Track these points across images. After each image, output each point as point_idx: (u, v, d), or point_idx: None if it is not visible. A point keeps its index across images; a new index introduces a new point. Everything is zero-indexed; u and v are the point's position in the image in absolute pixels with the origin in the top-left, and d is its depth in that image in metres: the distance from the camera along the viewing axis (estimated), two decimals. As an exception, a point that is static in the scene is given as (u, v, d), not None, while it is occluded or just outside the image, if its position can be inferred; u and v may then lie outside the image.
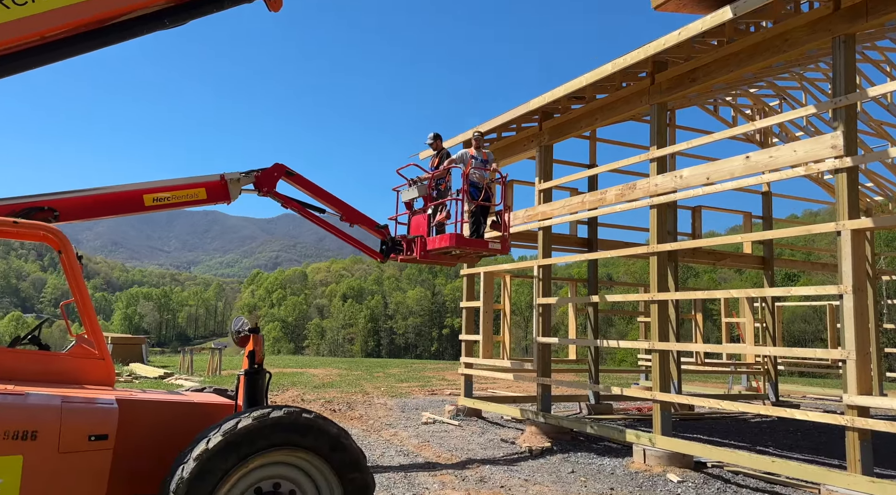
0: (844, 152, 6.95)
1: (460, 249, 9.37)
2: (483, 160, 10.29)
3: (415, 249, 9.44)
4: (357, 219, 8.49)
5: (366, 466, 4.18)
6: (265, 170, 7.46)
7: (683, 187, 8.97)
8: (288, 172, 7.63)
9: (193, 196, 6.54)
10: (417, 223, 9.87)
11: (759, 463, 7.67)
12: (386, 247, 9.17)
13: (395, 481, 7.94)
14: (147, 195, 6.19)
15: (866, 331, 6.84)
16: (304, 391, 18.15)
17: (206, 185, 6.63)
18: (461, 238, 9.32)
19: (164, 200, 6.31)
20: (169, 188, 6.38)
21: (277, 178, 7.56)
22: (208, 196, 6.63)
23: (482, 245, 9.76)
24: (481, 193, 10.01)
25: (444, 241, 9.32)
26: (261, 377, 4.57)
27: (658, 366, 9.18)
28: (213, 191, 6.70)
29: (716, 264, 16.04)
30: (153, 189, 6.32)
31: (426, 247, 9.45)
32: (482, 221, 10.10)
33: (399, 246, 9.39)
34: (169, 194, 6.36)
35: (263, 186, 7.43)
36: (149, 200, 6.20)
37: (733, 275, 60.21)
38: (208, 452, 3.71)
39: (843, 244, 6.92)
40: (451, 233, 9.41)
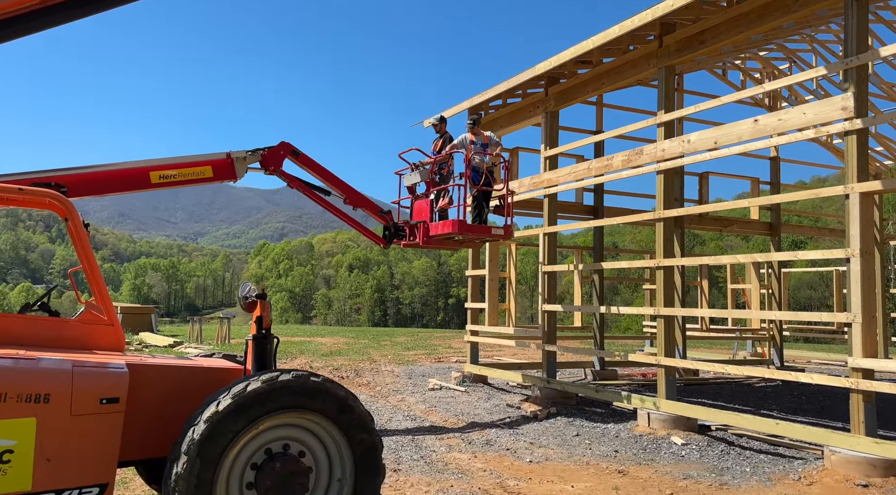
0: (855, 114, 6.85)
1: (463, 235, 9.40)
2: (483, 144, 10.25)
3: (417, 235, 9.46)
4: (360, 202, 8.49)
5: (373, 427, 4.25)
6: (271, 148, 7.46)
7: (691, 152, 8.88)
8: (294, 152, 7.63)
9: (200, 174, 6.56)
10: (420, 208, 9.85)
11: (763, 426, 7.75)
12: (389, 233, 9.18)
13: (402, 444, 8.07)
14: (153, 172, 6.21)
15: (872, 294, 6.82)
16: (312, 358, 18.36)
17: (213, 163, 6.64)
18: (464, 224, 9.35)
19: (171, 178, 6.33)
20: (175, 165, 6.39)
21: (284, 157, 7.56)
22: (214, 174, 6.64)
23: (485, 231, 9.84)
24: (482, 178, 9.99)
25: (447, 227, 9.33)
26: (269, 342, 4.62)
27: (663, 331, 9.21)
28: (220, 169, 6.70)
29: (722, 230, 15.97)
30: (159, 166, 6.33)
31: (429, 232, 9.46)
32: (485, 206, 10.11)
33: (402, 231, 9.40)
34: (175, 172, 6.38)
35: (270, 165, 7.44)
36: (155, 178, 6.21)
37: (740, 243, 60.00)
38: (218, 414, 3.77)
39: (851, 207, 6.86)
40: (454, 220, 9.43)
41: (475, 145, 10.12)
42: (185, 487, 3.62)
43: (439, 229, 9.41)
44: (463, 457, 7.51)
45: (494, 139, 10.79)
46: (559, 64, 10.61)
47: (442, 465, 7.12)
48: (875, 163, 15.95)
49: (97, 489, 3.73)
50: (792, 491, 6.29)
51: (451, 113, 13.78)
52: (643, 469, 7.12)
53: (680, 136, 9.17)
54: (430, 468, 6.99)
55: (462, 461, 7.34)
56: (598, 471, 7.00)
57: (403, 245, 9.67)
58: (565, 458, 7.56)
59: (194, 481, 3.65)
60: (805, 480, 6.63)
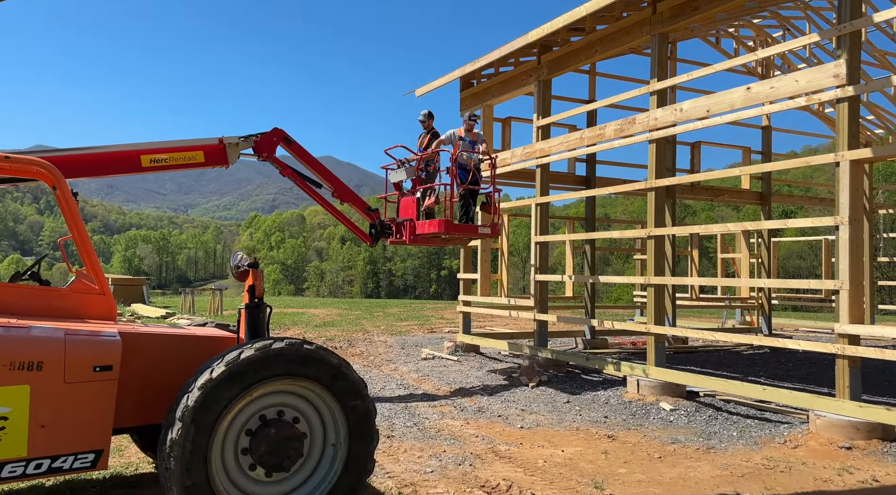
0: (847, 81, 6.83)
1: (449, 234, 9.43)
2: (472, 141, 10.20)
3: (404, 233, 9.44)
4: (348, 197, 8.46)
5: (366, 394, 4.29)
6: (264, 134, 7.44)
7: (683, 120, 8.85)
8: (286, 139, 7.60)
9: (191, 159, 6.52)
10: (406, 205, 9.81)
11: (750, 392, 7.89)
12: (375, 231, 9.14)
13: (396, 412, 8.17)
14: (144, 156, 6.17)
15: (860, 262, 6.90)
16: (305, 329, 18.44)
17: (205, 149, 6.59)
18: (450, 224, 9.34)
19: (162, 162, 6.29)
20: (167, 150, 6.35)
21: (277, 144, 7.54)
22: (206, 159, 6.60)
23: (471, 230, 9.84)
24: (469, 176, 9.97)
25: (434, 227, 9.33)
26: (261, 310, 4.63)
27: (653, 300, 9.30)
28: (211, 154, 6.66)
29: (714, 200, 16.03)
30: (151, 150, 6.29)
31: (415, 230, 9.45)
32: (471, 204, 10.12)
33: (388, 229, 9.36)
34: (166, 156, 6.34)
35: (263, 151, 7.44)
36: (146, 161, 6.17)
37: (731, 213, 60.24)
38: (212, 381, 3.79)
39: (841, 175, 6.89)
40: (440, 219, 9.43)
41: (464, 142, 10.11)
42: (180, 453, 3.66)
43: (426, 228, 9.43)
44: (455, 424, 7.62)
45: (483, 137, 10.80)
46: (552, 31, 10.49)
47: (435, 432, 7.22)
48: (866, 132, 15.98)
49: (92, 455, 3.77)
50: (777, 455, 6.43)
51: (442, 82, 13.65)
52: (632, 434, 7.25)
53: (672, 105, 9.13)
54: (423, 434, 7.09)
55: (454, 427, 7.44)
56: (587, 436, 7.13)
57: (390, 242, 9.67)
58: (556, 424, 7.68)
59: (189, 447, 3.68)
60: (790, 443, 6.78)
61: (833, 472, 5.84)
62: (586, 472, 5.79)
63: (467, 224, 9.85)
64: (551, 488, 5.33)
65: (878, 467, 6.00)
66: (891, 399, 8.96)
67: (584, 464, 6.05)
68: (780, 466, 6.03)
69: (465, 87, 13.86)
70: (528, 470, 5.84)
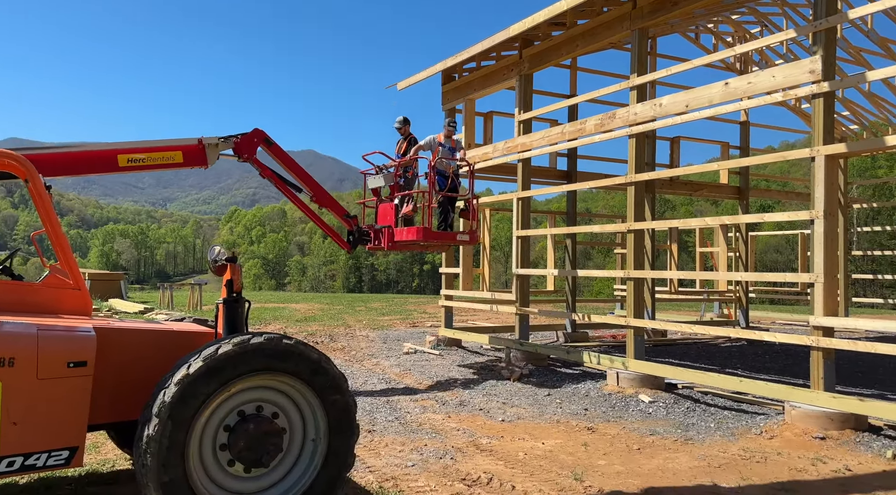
0: (822, 77, 6.92)
1: (428, 242, 9.44)
2: (451, 148, 10.20)
3: (382, 240, 9.42)
4: (327, 202, 8.41)
5: (347, 388, 4.28)
6: (245, 135, 7.40)
7: (663, 115, 8.92)
8: (267, 141, 7.56)
9: (169, 159, 6.42)
10: (385, 211, 9.80)
11: (728, 384, 7.99)
12: (353, 238, 9.09)
13: (377, 406, 8.16)
14: (122, 155, 6.06)
15: (835, 255, 7.01)
16: (286, 324, 18.33)
17: (183, 149, 6.50)
18: (429, 232, 9.33)
19: (139, 162, 6.19)
20: (145, 149, 6.25)
21: (257, 145, 7.49)
22: (185, 160, 6.50)
23: (450, 238, 9.87)
24: (448, 182, 9.95)
25: (412, 235, 9.32)
26: (240, 305, 4.58)
27: (633, 293, 9.38)
28: (190, 155, 6.56)
29: (693, 195, 16.19)
30: (128, 150, 6.19)
31: (394, 237, 9.43)
32: (450, 211, 10.13)
33: (366, 236, 9.32)
34: (144, 156, 6.25)
35: (243, 153, 7.38)
36: (123, 161, 6.07)
37: (710, 207, 61.01)
38: (189, 377, 3.75)
39: (816, 169, 6.99)
40: (418, 227, 9.44)
41: (443, 148, 10.11)
42: (156, 449, 3.62)
43: (404, 235, 9.43)
44: (437, 418, 7.63)
45: (462, 145, 10.80)
46: (533, 25, 10.50)
47: (416, 426, 7.23)
48: (841, 127, 16.22)
49: (67, 452, 3.71)
50: (754, 445, 6.53)
51: (424, 75, 13.60)
52: (612, 426, 7.32)
53: (652, 100, 9.19)
54: (405, 428, 7.09)
55: (436, 421, 7.46)
56: (568, 429, 7.18)
57: (368, 248, 9.64)
58: (537, 417, 7.73)
59: (166, 443, 3.64)
60: (766, 434, 6.89)
61: (807, 462, 5.94)
62: (566, 464, 5.83)
63: (446, 231, 9.90)
64: (531, 480, 5.37)
65: (850, 456, 6.12)
66: (863, 389, 9.14)
67: (564, 456, 6.09)
68: (756, 456, 6.12)
69: (447, 80, 13.83)
70: (508, 462, 5.87)
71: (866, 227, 24.24)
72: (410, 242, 9.45)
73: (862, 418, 6.77)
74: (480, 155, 12.65)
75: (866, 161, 45.13)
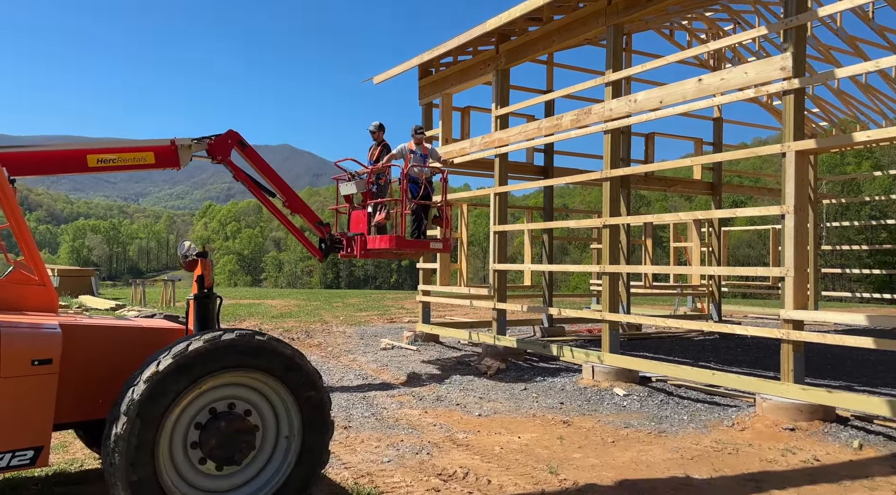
0: (793, 73, 7.02)
1: (401, 250, 9.45)
2: (423, 155, 10.21)
3: (355, 247, 9.38)
4: (299, 209, 8.33)
5: (321, 385, 4.23)
6: (219, 137, 7.31)
7: (637, 111, 8.98)
8: (241, 142, 7.48)
9: (141, 160, 6.29)
10: (357, 218, 9.75)
11: (701, 377, 8.10)
12: (326, 246, 9.02)
13: (353, 402, 8.12)
14: (91, 155, 5.91)
15: (805, 250, 7.13)
16: (261, 321, 18.16)
17: (155, 150, 6.37)
18: (402, 240, 9.34)
19: (110, 162, 6.05)
20: (115, 150, 6.11)
21: (231, 147, 7.40)
22: (157, 161, 6.38)
23: (423, 246, 9.88)
24: (421, 189, 9.96)
25: (385, 243, 9.31)
26: (211, 301, 4.51)
27: (608, 288, 9.45)
28: (162, 156, 6.44)
29: (667, 190, 16.37)
30: (98, 150, 6.04)
31: (366, 245, 9.40)
32: (423, 218, 10.12)
33: (339, 244, 9.24)
34: (115, 156, 6.11)
35: (217, 154, 7.27)
36: (93, 161, 5.92)
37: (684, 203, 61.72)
38: (159, 374, 3.67)
39: (787, 165, 7.10)
40: (391, 235, 9.42)
41: (415, 155, 10.10)
42: (124, 448, 3.55)
43: (377, 243, 9.40)
44: (413, 413, 7.61)
45: (437, 154, 10.80)
46: (510, 20, 10.49)
47: (393, 421, 7.20)
48: (811, 124, 16.52)
49: (31, 452, 3.62)
50: (725, 437, 6.63)
51: (401, 69, 13.53)
52: (587, 419, 7.37)
53: (627, 96, 9.25)
54: (381, 424, 7.06)
55: (412, 416, 7.44)
56: (544, 423, 7.22)
57: (341, 256, 9.61)
58: (513, 411, 7.75)
59: (134, 442, 3.57)
60: (738, 426, 7.00)
61: (777, 453, 6.05)
62: (542, 458, 5.86)
63: (419, 239, 9.89)
64: (507, 474, 5.38)
65: (818, 447, 6.24)
66: (832, 381, 9.33)
67: (539, 450, 6.12)
68: (728, 448, 6.21)
69: (424, 75, 13.77)
70: (485, 457, 5.88)
71: (835, 223, 24.75)
72: (383, 250, 9.45)
73: (830, 409, 6.91)
74: (458, 150, 12.64)
75: (835, 158, 46.07)
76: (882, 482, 5.27)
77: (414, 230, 9.98)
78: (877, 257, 38.89)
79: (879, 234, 40.09)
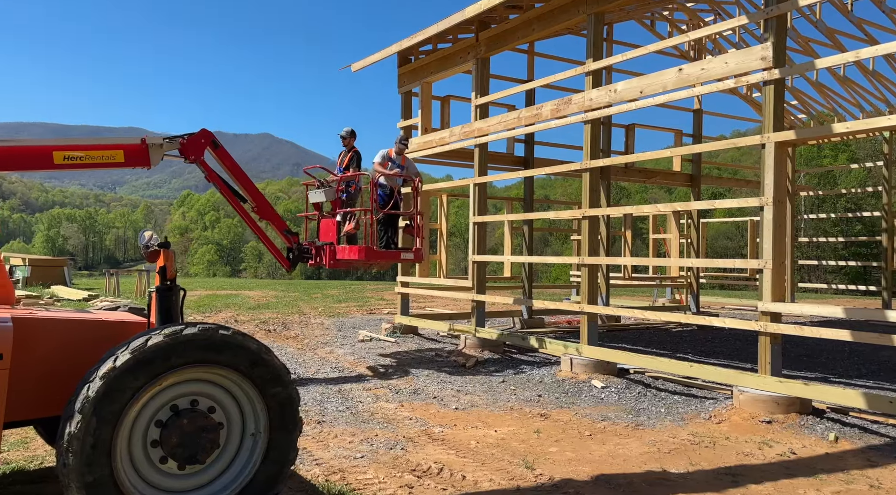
0: (773, 64, 6.96)
1: (371, 262, 9.30)
2: (401, 166, 10.11)
3: (323, 257, 9.19)
4: (269, 215, 8.16)
5: (289, 380, 4.08)
6: (192, 136, 7.16)
7: (618, 101, 8.89)
8: (214, 143, 7.31)
9: (110, 158, 6.06)
10: (327, 227, 9.57)
11: (678, 369, 8.08)
12: (293, 256, 8.82)
13: (328, 396, 7.97)
14: (57, 152, 5.66)
15: (783, 242, 7.11)
16: (238, 312, 17.91)
17: (125, 148, 6.14)
18: (371, 251, 9.17)
19: (77, 160, 5.82)
20: (83, 147, 5.86)
21: (205, 146, 7.25)
22: (126, 159, 6.15)
23: (393, 257, 9.74)
24: (391, 199, 9.82)
25: (354, 254, 9.14)
26: (174, 293, 4.32)
27: (587, 280, 9.38)
28: (132, 154, 6.21)
29: (647, 182, 16.36)
30: (65, 147, 5.80)
31: (335, 256, 9.20)
32: (396, 228, 10.01)
33: (307, 253, 9.05)
34: (82, 153, 5.87)
35: (190, 154, 7.09)
36: (59, 158, 5.67)
37: (664, 195, 62.20)
38: (116, 370, 3.50)
39: (766, 156, 7.05)
40: (360, 247, 9.27)
41: (393, 164, 9.95)
42: (79, 447, 3.37)
43: (346, 254, 9.23)
44: (389, 407, 7.49)
45: (414, 168, 10.69)
46: (489, 7, 10.32)
47: (368, 415, 7.07)
48: (790, 116, 16.60)
49: (-22, 453, 3.44)
50: (703, 430, 6.60)
51: (379, 57, 13.31)
52: (564, 412, 7.31)
53: (608, 86, 9.15)
54: (356, 419, 6.93)
55: (388, 410, 7.32)
56: (521, 416, 7.14)
57: (310, 265, 9.42)
58: (490, 404, 7.66)
59: (90, 441, 3.40)
60: (715, 419, 6.98)
61: (754, 446, 6.03)
62: (518, 452, 5.77)
63: (389, 250, 9.76)
64: (483, 469, 5.29)
65: (795, 440, 6.24)
66: (808, 373, 9.39)
67: (516, 444, 6.04)
68: (705, 441, 6.18)
69: (403, 63, 13.56)
70: (460, 451, 5.78)
71: (812, 215, 25.01)
72: (353, 261, 9.30)
73: (807, 402, 6.91)
74: (437, 139, 12.47)
75: (812, 150, 46.64)
76: (857, 475, 5.27)
77: (384, 240, 9.86)
78: (851, 249, 39.54)
79: (854, 227, 40.71)
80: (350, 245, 9.56)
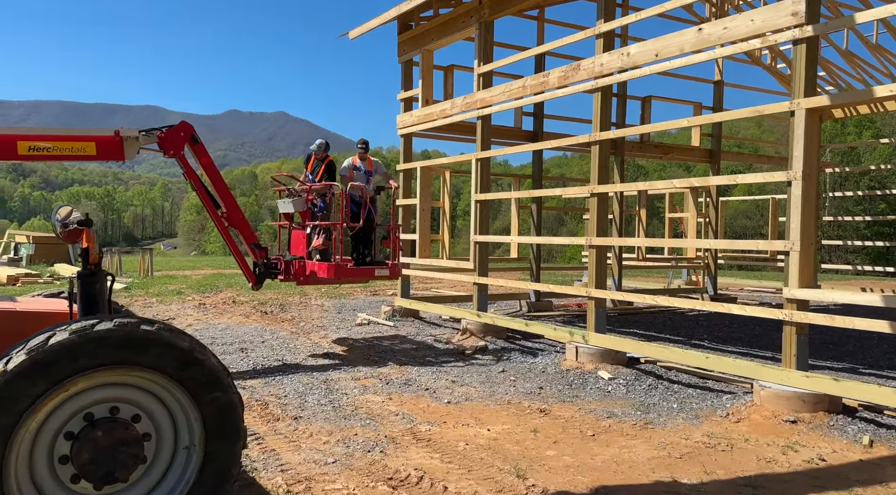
0: (806, 20, 6.14)
1: (342, 279, 8.78)
2: (367, 171, 9.49)
3: (293, 272, 8.63)
4: (239, 224, 7.61)
5: (229, 383, 3.47)
6: (171, 129, 6.73)
7: (631, 66, 8.08)
8: (193, 137, 6.79)
9: (80, 150, 5.51)
10: (297, 240, 9.00)
11: (693, 360, 7.39)
12: (260, 272, 8.18)
13: (312, 387, 7.40)
14: (22, 142, 5.09)
15: (813, 221, 6.35)
16: (238, 292, 17.43)
17: (98, 140, 5.59)
18: (342, 269, 8.57)
19: (44, 151, 5.26)
20: (51, 138, 5.28)
21: (184, 140, 6.84)
22: (98, 152, 5.61)
23: (366, 274, 9.11)
24: (363, 210, 9.18)
25: (324, 272, 8.56)
26: (98, 280, 3.71)
27: (595, 262, 8.70)
28: (105, 147, 5.67)
29: (663, 158, 15.51)
30: (32, 137, 5.24)
31: (306, 271, 8.62)
32: (371, 240, 9.40)
33: (275, 269, 8.46)
34: (50, 144, 5.30)
35: (169, 149, 6.66)
36: (23, 148, 5.11)
37: (683, 174, 60.81)
38: (7, 375, 2.90)
39: (796, 125, 6.26)
40: (329, 264, 8.65)
41: (358, 173, 9.37)
42: (-42, 469, 2.80)
43: (316, 270, 8.64)
44: (376, 400, 6.90)
45: (382, 169, 10.06)
46: (492, -34, 9.50)
47: (350, 410, 6.49)
48: (818, 88, 15.56)
49: None
50: (719, 430, 5.93)
51: (377, 23, 12.54)
52: (566, 407, 6.67)
53: (619, 49, 8.34)
54: (337, 414, 6.35)
55: (374, 404, 6.73)
56: (519, 411, 6.51)
57: (281, 279, 8.83)
58: (486, 398, 7.04)
59: (-26, 460, 2.82)
60: (733, 417, 6.30)
61: (777, 450, 5.35)
62: (510, 456, 5.15)
63: (362, 267, 9.12)
64: (468, 478, 4.68)
65: (823, 443, 5.55)
66: (834, 363, 8.66)
67: (509, 446, 5.42)
68: (722, 444, 5.52)
69: (403, 29, 12.78)
70: (445, 455, 5.17)
71: (838, 193, 23.96)
72: (323, 279, 8.71)
73: (836, 399, 6.20)
74: (438, 111, 11.74)
75: (836, 127, 45.06)
76: (898, 489, 4.58)
77: (353, 249, 9.29)
78: (874, 228, 38.25)
79: (878, 205, 39.37)
80: (322, 259, 9.00)
